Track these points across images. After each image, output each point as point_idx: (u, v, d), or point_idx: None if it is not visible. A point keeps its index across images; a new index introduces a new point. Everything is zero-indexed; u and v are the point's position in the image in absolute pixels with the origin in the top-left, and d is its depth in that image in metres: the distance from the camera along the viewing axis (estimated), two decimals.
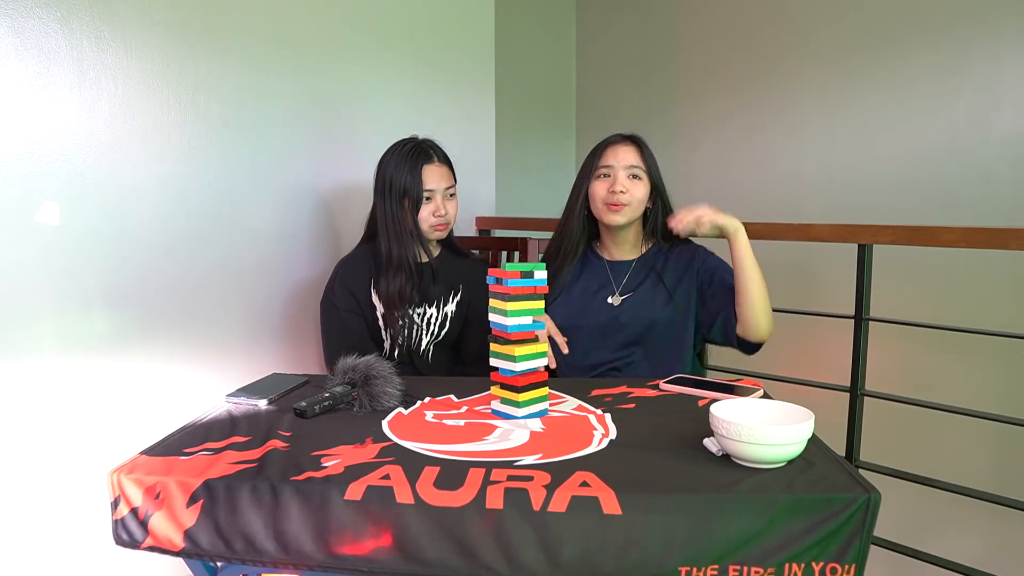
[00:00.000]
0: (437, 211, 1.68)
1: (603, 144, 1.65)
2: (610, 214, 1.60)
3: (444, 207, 1.69)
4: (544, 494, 0.91)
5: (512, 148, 3.42)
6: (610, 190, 1.59)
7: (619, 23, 3.75)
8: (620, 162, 1.60)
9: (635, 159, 1.60)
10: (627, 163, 1.60)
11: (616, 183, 1.59)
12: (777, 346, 1.62)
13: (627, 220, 1.61)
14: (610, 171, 1.61)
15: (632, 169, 1.60)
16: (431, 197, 1.68)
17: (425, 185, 1.66)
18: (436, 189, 1.68)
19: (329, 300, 1.72)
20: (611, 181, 1.60)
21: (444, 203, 1.69)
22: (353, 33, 2.06)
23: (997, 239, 1.52)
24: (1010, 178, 2.55)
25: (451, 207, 1.72)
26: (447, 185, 1.70)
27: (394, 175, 1.66)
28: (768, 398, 1.28)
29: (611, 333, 1.63)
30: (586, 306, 1.65)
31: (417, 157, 1.67)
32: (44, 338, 1.47)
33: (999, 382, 2.53)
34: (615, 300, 1.64)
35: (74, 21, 1.47)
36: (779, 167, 3.15)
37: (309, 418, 1.21)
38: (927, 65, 2.72)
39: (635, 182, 1.60)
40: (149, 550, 0.99)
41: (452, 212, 1.72)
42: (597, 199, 1.62)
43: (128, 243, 1.59)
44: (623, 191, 1.58)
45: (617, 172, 1.60)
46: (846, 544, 0.90)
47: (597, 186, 1.62)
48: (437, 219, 1.69)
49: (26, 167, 1.43)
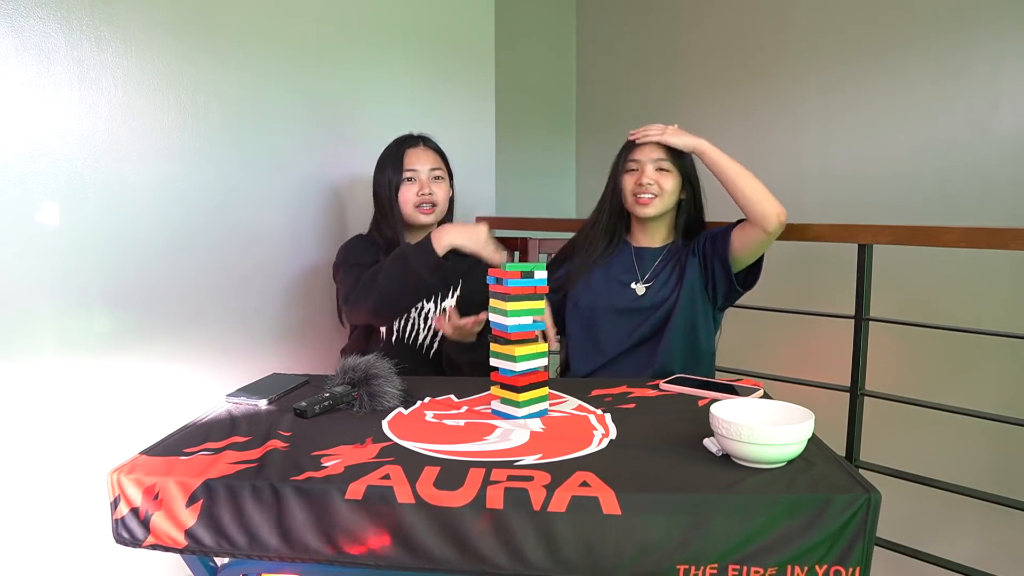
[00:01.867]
0: (422, 190, 1.70)
1: (631, 141, 1.68)
2: (639, 207, 1.64)
3: (430, 187, 1.71)
4: (544, 494, 0.91)
5: (512, 148, 3.42)
6: (637, 183, 1.63)
7: (619, 23, 3.75)
8: (648, 156, 1.63)
9: (662, 152, 1.63)
10: (654, 156, 1.63)
11: (644, 176, 1.62)
12: (777, 346, 1.62)
13: (657, 212, 1.64)
14: (638, 165, 1.64)
15: (659, 162, 1.63)
16: (413, 178, 1.71)
17: (406, 164, 1.70)
18: (419, 169, 1.71)
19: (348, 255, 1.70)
20: (639, 175, 1.63)
21: (430, 184, 1.71)
22: (353, 34, 2.06)
23: (997, 239, 1.52)
24: (1010, 178, 2.55)
25: (439, 189, 1.73)
26: (431, 166, 1.72)
27: (382, 166, 1.73)
28: (768, 398, 1.28)
29: (630, 319, 1.64)
30: (609, 291, 1.67)
31: (402, 143, 1.73)
32: (44, 338, 1.47)
33: (999, 382, 2.53)
34: (639, 288, 1.66)
35: (74, 21, 1.47)
36: (779, 167, 3.15)
37: (309, 418, 1.21)
38: (927, 65, 2.72)
39: (663, 174, 1.63)
40: (151, 548, 0.99)
41: (441, 195, 1.74)
42: (627, 192, 1.66)
43: (128, 243, 1.59)
44: (651, 183, 1.62)
45: (644, 166, 1.63)
46: (848, 546, 0.90)
47: (626, 180, 1.66)
48: (420, 198, 1.70)
49: (26, 167, 1.43)
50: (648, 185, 1.62)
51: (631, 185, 1.64)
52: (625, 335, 1.64)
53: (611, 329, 1.65)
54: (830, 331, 2.38)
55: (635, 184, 1.63)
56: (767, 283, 1.63)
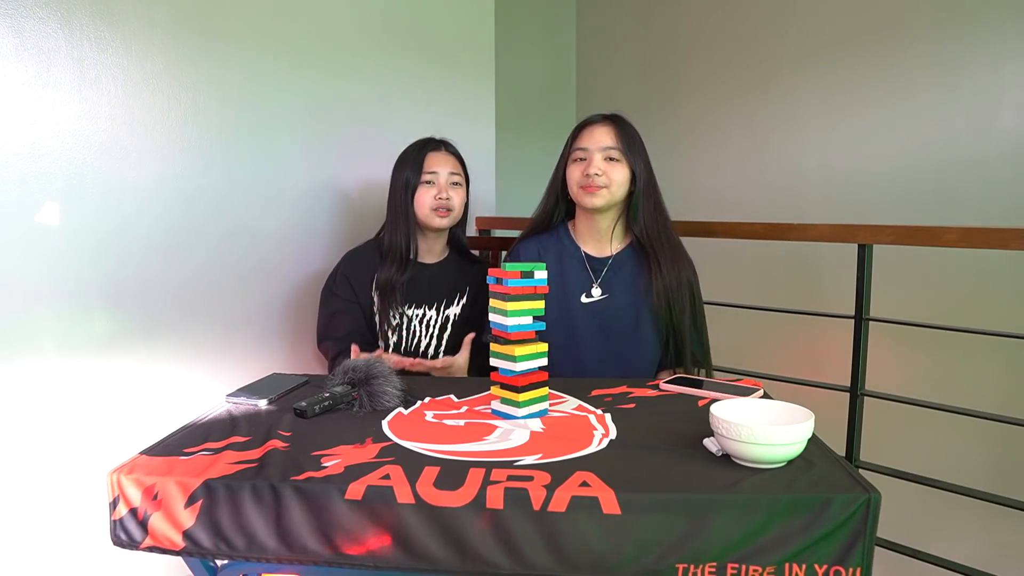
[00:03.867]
0: (440, 194, 1.70)
1: (580, 125, 1.61)
2: (586, 196, 1.55)
3: (447, 192, 1.70)
4: (544, 494, 0.91)
5: (512, 148, 3.42)
6: (584, 172, 1.55)
7: (619, 22, 3.75)
8: (596, 144, 1.55)
9: (611, 140, 1.55)
10: (603, 145, 1.55)
11: (591, 166, 1.54)
12: (777, 346, 1.62)
13: (605, 203, 1.56)
14: (585, 154, 1.56)
15: (608, 151, 1.54)
16: (432, 181, 1.70)
17: (426, 167, 1.70)
18: (439, 172, 1.70)
19: (329, 288, 1.75)
20: (586, 164, 1.55)
21: (448, 188, 1.71)
22: (353, 34, 2.06)
23: (997, 239, 1.52)
24: (1010, 178, 2.55)
25: (455, 195, 1.73)
26: (451, 170, 1.72)
27: (401, 167, 1.72)
28: (768, 398, 1.28)
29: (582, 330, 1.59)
30: (559, 301, 1.58)
31: (424, 146, 1.73)
32: (44, 338, 1.47)
33: (999, 382, 2.53)
34: (591, 296, 1.60)
35: (74, 21, 1.47)
36: (779, 167, 3.15)
37: (309, 418, 1.21)
38: (927, 65, 2.72)
39: (612, 164, 1.55)
40: (148, 550, 0.99)
41: (457, 201, 1.73)
42: (573, 183, 1.58)
43: (128, 243, 1.59)
44: (598, 173, 1.53)
45: (592, 155, 1.55)
46: (848, 546, 0.89)
47: (573, 169, 1.58)
48: (438, 202, 1.69)
49: (26, 167, 1.43)
50: (596, 176, 1.53)
51: (577, 175, 1.56)
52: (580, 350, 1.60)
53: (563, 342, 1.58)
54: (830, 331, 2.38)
55: (581, 174, 1.55)
56: (767, 283, 1.63)
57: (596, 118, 1.60)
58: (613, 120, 1.59)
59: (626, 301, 1.59)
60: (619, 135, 1.56)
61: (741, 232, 1.92)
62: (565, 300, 1.59)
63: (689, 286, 1.60)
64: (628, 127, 1.58)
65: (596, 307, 1.59)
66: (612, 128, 1.57)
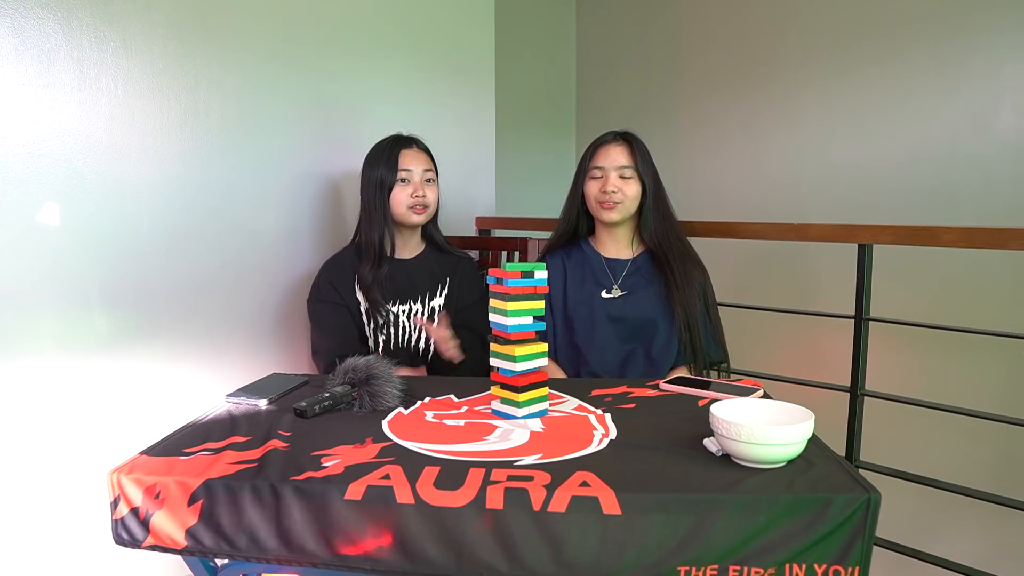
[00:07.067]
0: (415, 192, 1.72)
1: (595, 144, 1.73)
2: (604, 212, 1.69)
3: (423, 189, 1.73)
4: (544, 494, 0.91)
5: (512, 148, 3.42)
6: (602, 190, 1.68)
7: (619, 23, 3.75)
8: (611, 163, 1.68)
9: (625, 159, 1.68)
10: (617, 164, 1.67)
11: (608, 183, 1.67)
12: (777, 346, 1.62)
13: (621, 217, 1.69)
14: (602, 172, 1.69)
15: (622, 170, 1.67)
16: (407, 179, 1.72)
17: (401, 165, 1.71)
18: (413, 170, 1.72)
19: (315, 296, 1.75)
20: (603, 182, 1.68)
21: (423, 186, 1.73)
22: (353, 34, 2.06)
23: (997, 239, 1.52)
24: (1010, 178, 2.55)
25: (430, 192, 1.75)
26: (424, 167, 1.74)
27: (373, 164, 1.73)
28: (768, 398, 1.28)
29: (604, 327, 1.67)
30: (583, 299, 1.70)
31: (395, 144, 1.74)
32: (44, 338, 1.47)
33: (999, 382, 2.53)
34: (611, 295, 1.70)
35: (74, 21, 1.47)
36: (779, 167, 3.15)
37: (309, 418, 1.21)
38: (927, 65, 2.73)
39: (626, 181, 1.68)
40: (150, 549, 0.99)
41: (432, 197, 1.76)
42: (591, 198, 1.71)
43: (127, 242, 1.59)
44: (615, 191, 1.66)
45: (608, 173, 1.68)
46: (848, 545, 0.90)
47: (591, 186, 1.71)
48: (415, 200, 1.72)
49: (26, 167, 1.43)
50: (612, 193, 1.66)
51: (595, 192, 1.69)
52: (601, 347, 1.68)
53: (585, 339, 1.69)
54: (830, 331, 2.39)
55: (599, 191, 1.68)
56: (767, 283, 1.63)
57: (609, 137, 1.72)
58: (626, 139, 1.71)
59: (644, 300, 1.69)
60: (632, 154, 1.69)
61: (741, 232, 1.92)
62: (588, 298, 1.71)
63: (701, 287, 1.69)
64: (639, 145, 1.71)
65: (616, 303, 1.69)
66: (626, 148, 1.69)
